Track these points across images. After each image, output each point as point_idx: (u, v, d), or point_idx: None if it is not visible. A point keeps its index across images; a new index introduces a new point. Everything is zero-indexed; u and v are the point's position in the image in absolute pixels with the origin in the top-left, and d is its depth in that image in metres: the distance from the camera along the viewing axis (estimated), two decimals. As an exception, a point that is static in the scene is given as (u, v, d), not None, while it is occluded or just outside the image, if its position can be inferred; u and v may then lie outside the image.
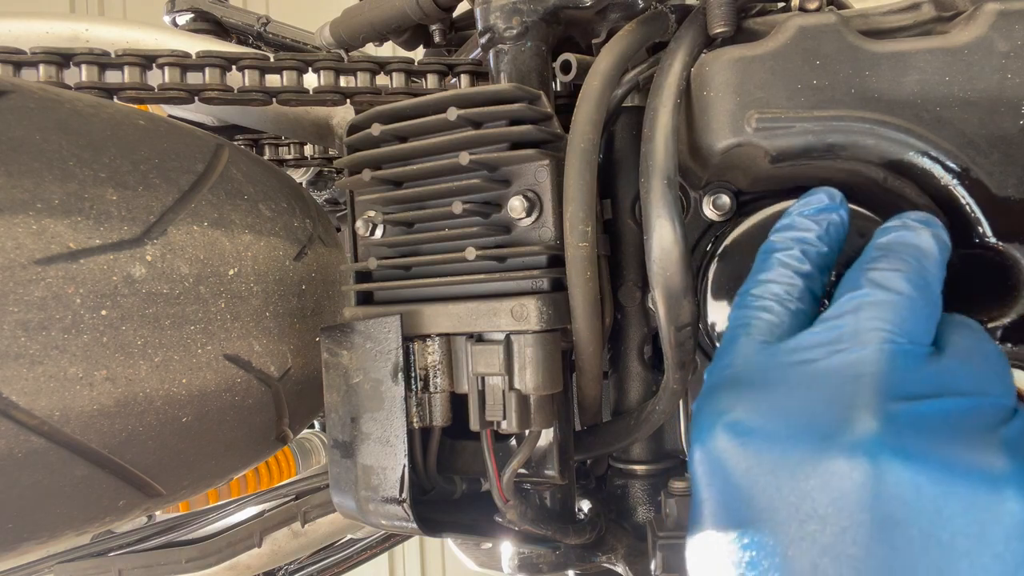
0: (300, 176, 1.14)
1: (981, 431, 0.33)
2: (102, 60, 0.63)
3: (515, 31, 0.58)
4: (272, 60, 0.66)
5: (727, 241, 0.55)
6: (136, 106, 0.62)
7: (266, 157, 1.09)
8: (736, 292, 0.44)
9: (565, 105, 0.60)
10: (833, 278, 0.43)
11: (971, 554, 0.31)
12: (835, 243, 0.44)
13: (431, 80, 0.69)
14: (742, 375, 0.39)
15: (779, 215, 0.46)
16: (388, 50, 0.84)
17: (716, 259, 0.55)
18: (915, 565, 0.31)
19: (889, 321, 0.37)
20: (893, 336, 0.36)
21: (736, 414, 0.37)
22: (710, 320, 0.55)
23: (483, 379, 0.50)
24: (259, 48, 1.07)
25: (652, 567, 0.54)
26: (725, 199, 0.60)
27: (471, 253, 0.50)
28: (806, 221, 0.43)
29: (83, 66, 0.62)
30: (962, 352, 0.37)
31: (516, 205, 0.51)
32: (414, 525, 0.50)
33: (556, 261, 0.51)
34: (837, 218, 0.44)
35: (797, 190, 0.56)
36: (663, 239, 0.48)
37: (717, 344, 0.54)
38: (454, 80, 0.69)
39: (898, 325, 0.37)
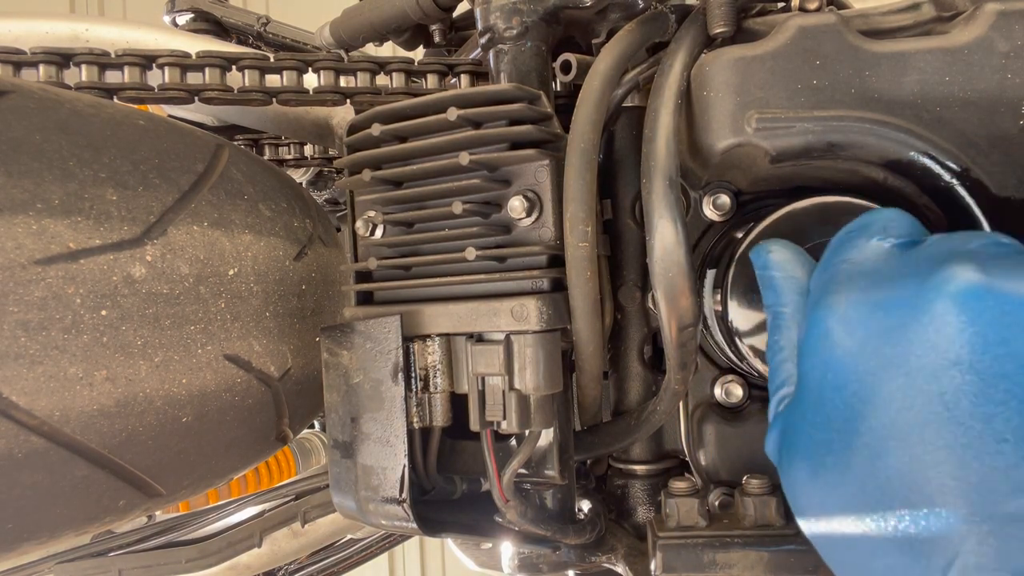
0: (300, 176, 1.13)
1: None
2: (102, 60, 0.63)
3: (515, 31, 0.58)
4: (272, 60, 0.66)
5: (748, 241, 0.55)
6: (136, 106, 0.62)
7: (266, 157, 1.09)
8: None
9: (565, 105, 0.60)
10: None
11: None
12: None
13: (431, 80, 0.69)
14: (856, 270, 0.40)
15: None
16: (388, 50, 0.84)
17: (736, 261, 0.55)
18: None
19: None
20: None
21: (849, 297, 0.39)
22: (730, 318, 0.54)
23: (483, 379, 0.50)
24: (259, 48, 1.07)
25: (652, 567, 0.54)
26: (725, 199, 0.60)
27: (471, 253, 0.50)
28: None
29: (83, 66, 0.62)
30: None
31: (516, 205, 0.50)
32: (414, 525, 0.50)
33: (556, 261, 0.51)
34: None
35: (798, 190, 0.56)
36: (665, 239, 0.48)
37: (737, 341, 0.54)
38: (454, 80, 0.69)
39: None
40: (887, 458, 0.36)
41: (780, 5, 0.59)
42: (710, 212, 0.61)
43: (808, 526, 0.40)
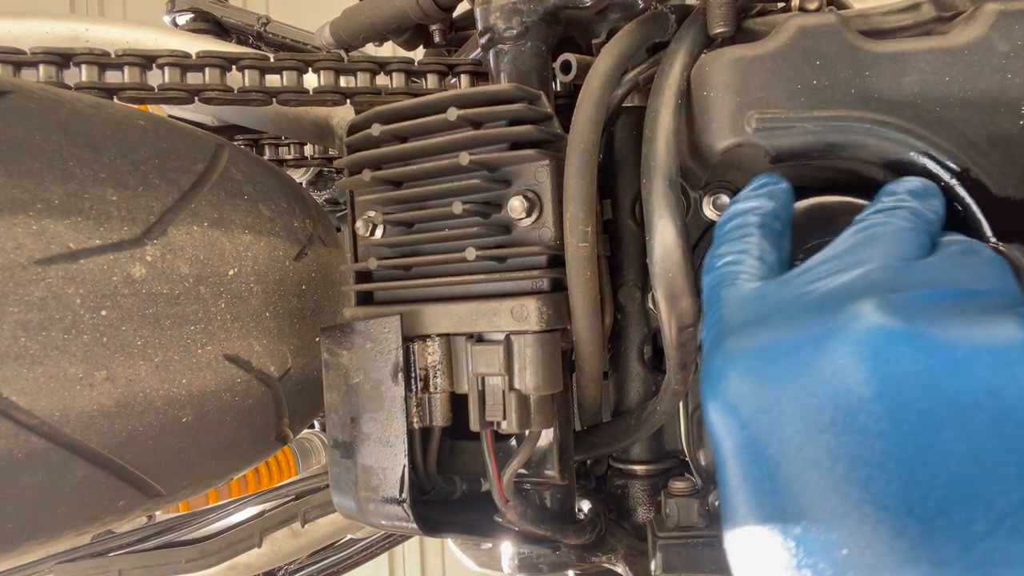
0: (300, 176, 1.13)
1: (988, 312, 0.32)
2: (102, 60, 0.63)
3: (515, 31, 0.58)
4: (272, 60, 0.66)
5: None
6: (136, 106, 0.62)
7: (266, 157, 1.09)
8: None
9: (565, 105, 0.60)
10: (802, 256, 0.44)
11: (997, 420, 0.30)
12: (781, 202, 0.45)
13: (431, 80, 0.69)
14: (738, 319, 0.39)
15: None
16: (388, 50, 0.84)
17: None
18: (943, 442, 0.30)
19: (880, 252, 0.37)
20: (888, 260, 0.37)
21: (740, 355, 0.36)
22: None
23: (483, 379, 0.50)
24: (259, 48, 1.07)
25: (652, 567, 0.54)
26: (725, 199, 0.60)
27: (471, 253, 0.50)
28: (749, 195, 0.46)
29: (83, 66, 0.62)
30: (954, 256, 0.37)
31: (516, 205, 0.51)
32: (414, 525, 0.50)
33: (556, 261, 0.51)
34: (778, 188, 0.45)
35: (797, 190, 0.56)
36: (665, 239, 0.48)
37: None
38: (454, 80, 0.69)
39: (889, 250, 0.37)
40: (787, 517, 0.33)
41: (780, 5, 0.59)
42: (710, 212, 0.60)
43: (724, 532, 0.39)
